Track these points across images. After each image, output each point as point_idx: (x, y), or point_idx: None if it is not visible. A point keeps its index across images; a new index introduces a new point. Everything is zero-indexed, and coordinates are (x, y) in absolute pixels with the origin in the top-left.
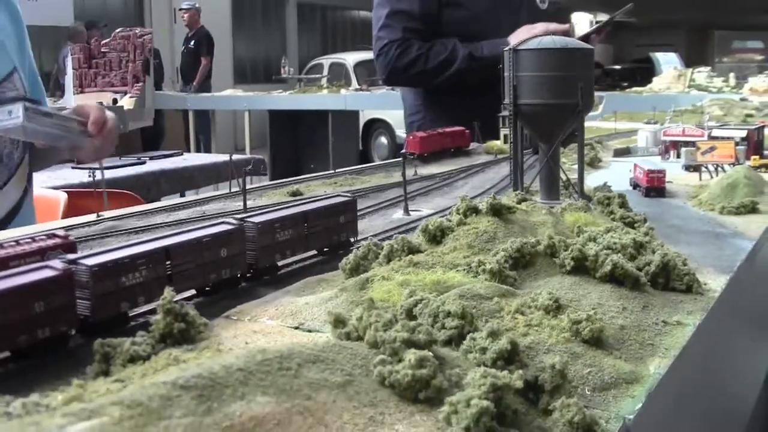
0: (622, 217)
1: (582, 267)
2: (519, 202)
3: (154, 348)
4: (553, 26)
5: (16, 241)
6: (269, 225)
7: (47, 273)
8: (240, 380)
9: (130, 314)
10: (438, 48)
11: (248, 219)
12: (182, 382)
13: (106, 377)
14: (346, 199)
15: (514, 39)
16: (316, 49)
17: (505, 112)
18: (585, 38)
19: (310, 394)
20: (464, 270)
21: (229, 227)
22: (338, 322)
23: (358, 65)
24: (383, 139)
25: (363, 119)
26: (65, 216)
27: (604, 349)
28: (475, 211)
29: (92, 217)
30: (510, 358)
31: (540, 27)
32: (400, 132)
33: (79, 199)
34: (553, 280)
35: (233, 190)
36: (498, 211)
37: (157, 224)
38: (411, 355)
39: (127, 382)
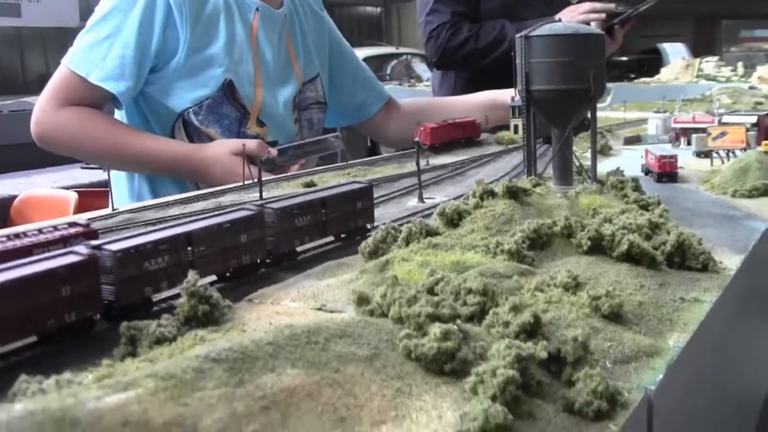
0: (636, 200)
1: (598, 247)
2: (534, 187)
3: (179, 330)
4: (599, 5)
5: (39, 230)
6: (288, 210)
7: (73, 258)
8: (270, 353)
9: (153, 299)
10: (487, 28)
11: (267, 205)
12: (214, 356)
13: (133, 358)
14: (363, 185)
15: (560, 17)
16: None
17: (515, 102)
18: (609, 30)
19: (339, 367)
20: (482, 251)
21: (249, 213)
22: (362, 300)
23: (365, 61)
24: None
25: None
26: (75, 215)
27: (623, 324)
28: (492, 194)
29: (108, 210)
30: (533, 331)
31: (586, 5)
32: None
33: (89, 199)
34: (571, 259)
35: (246, 182)
36: (514, 194)
37: (173, 216)
38: (436, 329)
39: (155, 362)
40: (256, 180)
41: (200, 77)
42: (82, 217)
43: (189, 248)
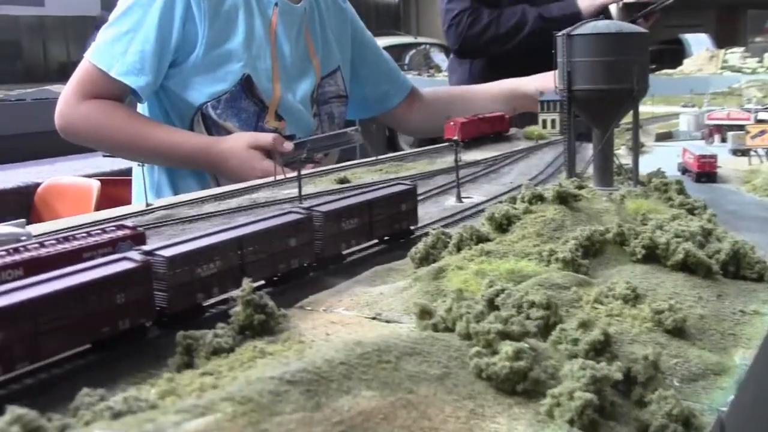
0: (681, 203)
1: (652, 255)
2: (578, 189)
3: (235, 340)
4: None
5: (88, 233)
6: (336, 214)
7: (127, 265)
8: (343, 374)
9: (204, 305)
10: (507, 13)
11: (315, 208)
12: (289, 377)
13: (189, 369)
14: (408, 186)
15: (582, 1)
16: None
17: (545, 96)
18: (633, 22)
19: (412, 388)
20: (536, 259)
21: (298, 216)
22: (424, 313)
23: (384, 50)
24: None
25: None
26: (98, 203)
27: (687, 339)
28: (541, 198)
29: (142, 206)
30: (602, 349)
31: None
32: None
33: (111, 187)
34: (625, 268)
35: (278, 177)
36: (564, 199)
37: (209, 213)
38: (507, 347)
39: (216, 375)
40: (287, 176)
41: (218, 72)
42: (120, 212)
43: (240, 253)
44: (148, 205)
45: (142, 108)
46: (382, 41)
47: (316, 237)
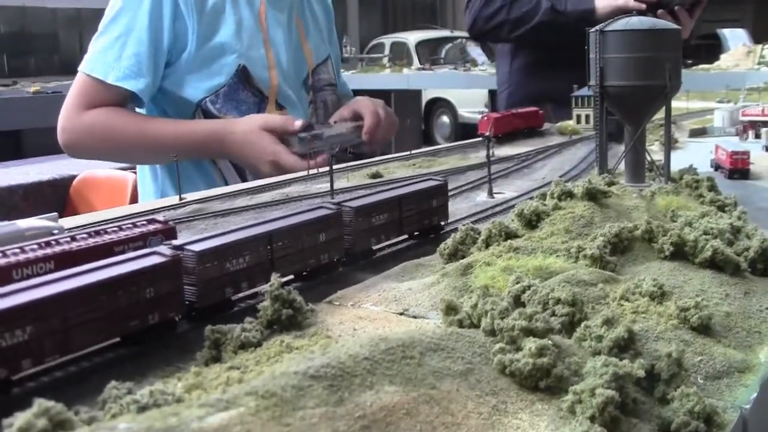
0: (712, 200)
1: (680, 252)
2: (608, 186)
3: (263, 334)
4: None
5: (119, 227)
6: (366, 209)
7: (156, 259)
8: (367, 369)
9: (233, 299)
10: (522, 1)
11: (345, 203)
12: (312, 372)
13: (217, 363)
14: (438, 182)
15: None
16: (377, 28)
17: (579, 92)
18: (672, 14)
19: (435, 383)
20: (564, 255)
21: (328, 212)
22: (450, 309)
23: (420, 44)
24: (445, 119)
25: (424, 99)
26: (133, 195)
27: (712, 336)
28: (570, 195)
29: (175, 199)
30: (626, 346)
31: None
32: (462, 111)
33: None
34: (653, 265)
35: (311, 172)
36: (593, 196)
37: (241, 207)
38: (531, 344)
39: (243, 369)
40: (319, 170)
41: (213, 66)
42: (153, 206)
43: (269, 248)
44: (181, 198)
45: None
46: (418, 35)
47: (346, 232)
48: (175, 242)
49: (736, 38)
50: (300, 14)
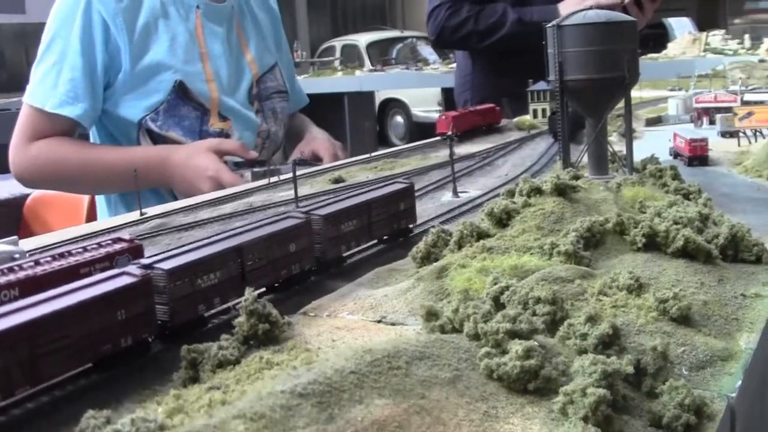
0: (676, 189)
1: (653, 243)
2: (574, 180)
3: (240, 351)
4: None
5: (84, 248)
6: (335, 216)
7: (126, 280)
8: (355, 383)
9: (206, 316)
10: (488, 11)
11: (314, 211)
12: (300, 390)
13: (195, 383)
14: (405, 185)
15: (564, 7)
16: (327, 31)
17: (535, 86)
18: (638, 3)
19: (424, 393)
20: (538, 253)
21: (297, 221)
22: (431, 315)
23: (370, 46)
24: (399, 119)
25: (378, 100)
26: (89, 213)
27: (692, 326)
28: (539, 191)
29: (136, 215)
30: (610, 342)
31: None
32: (416, 110)
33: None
34: (626, 258)
35: (272, 180)
36: (562, 191)
37: (205, 220)
38: (517, 346)
39: (224, 389)
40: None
41: (150, 84)
42: (113, 222)
43: (240, 261)
44: (142, 213)
45: (92, 138)
46: (369, 36)
47: (316, 240)
48: (143, 261)
49: (681, 27)
50: (241, 24)
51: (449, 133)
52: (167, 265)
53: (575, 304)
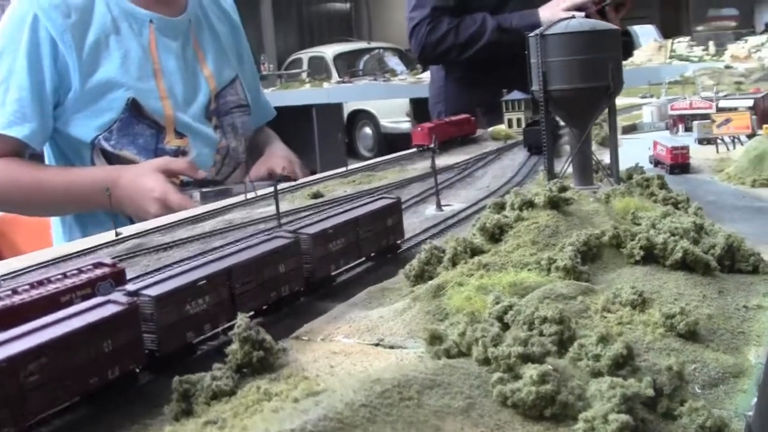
0: (664, 198)
1: (650, 255)
2: (561, 191)
3: (234, 381)
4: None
5: (63, 274)
6: (324, 235)
7: (112, 308)
8: (367, 417)
9: (194, 342)
10: (467, 22)
11: (302, 230)
12: (311, 428)
13: (189, 417)
14: (392, 200)
15: (543, 11)
16: (294, 44)
17: (509, 96)
18: (601, 13)
19: (438, 424)
20: (536, 268)
21: (285, 241)
22: (434, 338)
23: (337, 57)
24: (368, 130)
25: (346, 111)
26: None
27: (700, 342)
28: (531, 204)
29: (111, 235)
30: (623, 362)
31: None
32: (384, 121)
33: None
34: (624, 271)
35: (249, 196)
36: (556, 204)
37: (184, 239)
38: (531, 371)
39: (221, 424)
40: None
41: (101, 102)
42: (89, 243)
43: (229, 284)
44: (117, 234)
45: (46, 157)
46: (336, 48)
47: (305, 260)
48: (129, 287)
49: (646, 34)
50: (198, 38)
51: (431, 145)
52: (154, 291)
53: (580, 322)
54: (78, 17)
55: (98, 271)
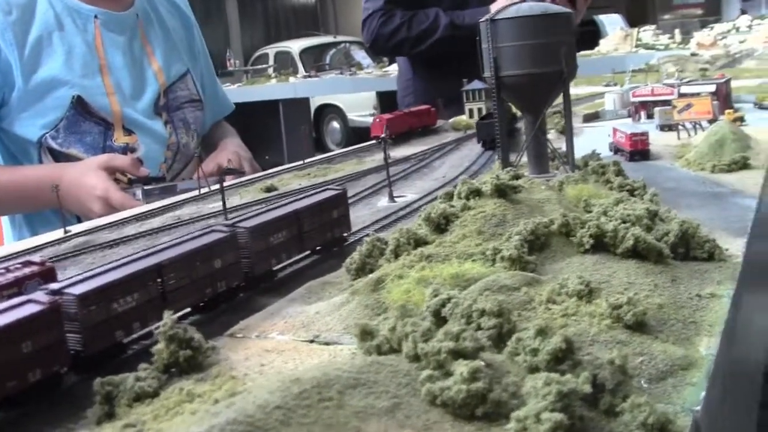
0: (620, 185)
1: (600, 244)
2: (514, 179)
3: (160, 381)
4: None
5: None
6: (262, 228)
7: (32, 308)
8: (281, 420)
9: (125, 342)
10: (420, 17)
11: (239, 224)
12: None
13: (111, 420)
14: (337, 191)
15: (496, 7)
16: (260, 39)
17: (470, 86)
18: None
19: (359, 426)
20: (481, 259)
21: (221, 235)
22: (365, 334)
23: (304, 52)
24: (335, 124)
25: (313, 106)
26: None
27: (648, 333)
28: (478, 193)
29: (60, 233)
30: (563, 357)
31: None
32: (352, 115)
33: None
34: (573, 261)
35: (203, 191)
36: (503, 192)
37: (130, 236)
38: (462, 368)
39: (140, 427)
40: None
41: (46, 100)
42: (35, 242)
43: (160, 281)
44: (66, 231)
45: None
46: (302, 42)
47: (243, 255)
48: (52, 286)
49: (612, 23)
50: (146, 33)
51: (382, 135)
52: (78, 289)
53: (523, 314)
54: (19, 15)
55: (26, 270)
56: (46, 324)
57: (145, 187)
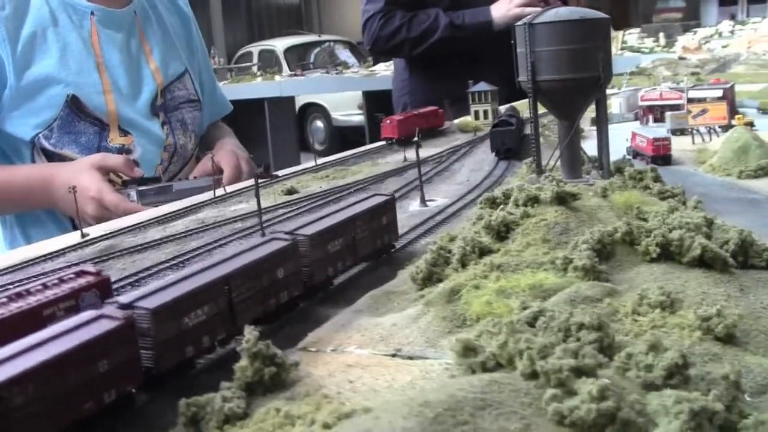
0: (660, 191)
1: (665, 253)
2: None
3: (246, 401)
4: None
5: (44, 284)
6: (322, 236)
7: (107, 324)
8: None
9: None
10: (420, 17)
11: (298, 231)
12: None
13: None
14: (386, 197)
15: (495, 9)
16: (244, 37)
17: (475, 87)
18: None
19: None
20: (552, 269)
21: (284, 243)
22: (468, 350)
23: (288, 51)
24: (319, 123)
25: (297, 105)
26: None
27: (737, 345)
28: (536, 200)
29: (77, 236)
30: (675, 372)
31: None
32: (336, 114)
33: None
34: (642, 270)
35: (218, 193)
36: (563, 200)
37: (157, 240)
38: (589, 386)
39: None
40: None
41: (39, 99)
42: (55, 246)
43: (227, 293)
44: (83, 235)
45: None
46: (286, 41)
47: (304, 264)
48: (120, 299)
49: None
50: (144, 31)
51: (415, 139)
52: (150, 303)
53: (612, 327)
54: (12, 9)
55: (81, 280)
56: (121, 340)
57: (140, 188)
